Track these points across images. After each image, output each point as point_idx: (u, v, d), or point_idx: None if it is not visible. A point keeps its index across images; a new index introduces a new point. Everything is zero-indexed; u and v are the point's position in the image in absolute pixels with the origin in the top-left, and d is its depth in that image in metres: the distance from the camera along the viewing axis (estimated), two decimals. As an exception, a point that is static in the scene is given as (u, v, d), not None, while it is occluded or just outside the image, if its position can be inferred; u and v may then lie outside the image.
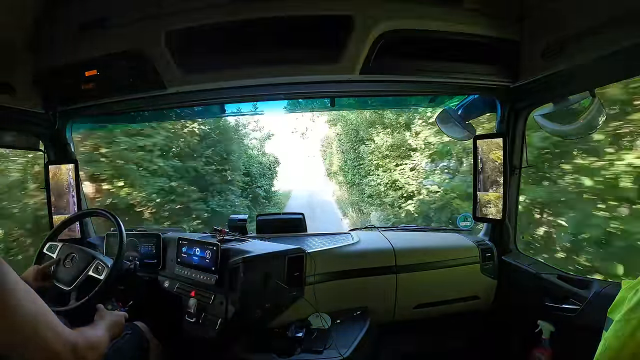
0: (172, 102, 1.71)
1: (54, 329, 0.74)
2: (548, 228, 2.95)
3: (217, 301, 1.47)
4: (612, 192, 2.33)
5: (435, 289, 1.79)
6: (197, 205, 4.54)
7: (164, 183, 4.29)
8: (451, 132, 2.03)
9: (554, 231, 2.89)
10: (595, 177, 2.43)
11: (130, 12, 1.42)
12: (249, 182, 5.27)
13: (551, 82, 1.40)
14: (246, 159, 5.32)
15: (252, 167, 5.34)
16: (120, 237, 1.40)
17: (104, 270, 1.34)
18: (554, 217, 2.90)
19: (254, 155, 5.88)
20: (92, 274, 1.34)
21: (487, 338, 1.91)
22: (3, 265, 0.69)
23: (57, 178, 1.83)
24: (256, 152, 6.26)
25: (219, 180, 4.85)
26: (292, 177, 11.27)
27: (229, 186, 5.00)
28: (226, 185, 4.96)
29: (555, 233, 2.88)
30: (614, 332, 0.86)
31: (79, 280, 1.32)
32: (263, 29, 1.38)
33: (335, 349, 1.35)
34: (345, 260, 1.70)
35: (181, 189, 4.46)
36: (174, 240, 1.69)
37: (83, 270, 1.34)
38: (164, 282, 1.67)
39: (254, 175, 5.42)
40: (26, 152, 3.07)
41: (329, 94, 1.84)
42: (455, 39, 1.42)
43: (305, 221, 1.98)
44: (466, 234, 2.01)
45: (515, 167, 1.72)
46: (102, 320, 1.08)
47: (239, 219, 1.90)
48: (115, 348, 1.19)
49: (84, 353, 0.80)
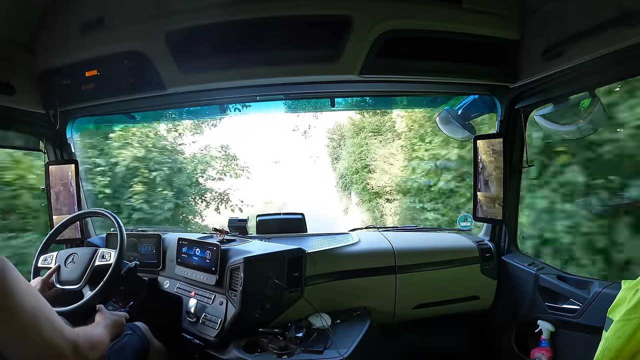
0: (172, 102, 1.71)
1: (55, 328, 0.74)
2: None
3: (217, 301, 1.47)
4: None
5: (435, 289, 1.79)
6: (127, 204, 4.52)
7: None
8: (451, 133, 2.03)
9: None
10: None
11: (130, 12, 1.42)
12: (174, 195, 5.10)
13: (551, 82, 1.40)
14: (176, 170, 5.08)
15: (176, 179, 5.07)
16: (120, 237, 1.40)
17: (110, 255, 1.33)
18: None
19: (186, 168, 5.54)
20: (99, 263, 1.32)
21: (487, 338, 1.91)
22: (5, 264, 0.69)
23: (57, 178, 1.83)
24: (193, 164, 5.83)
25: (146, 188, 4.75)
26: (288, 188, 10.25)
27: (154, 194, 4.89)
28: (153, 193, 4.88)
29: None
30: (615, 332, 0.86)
31: (87, 273, 1.31)
32: (263, 29, 1.39)
33: (335, 349, 1.35)
34: (345, 260, 1.70)
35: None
36: (174, 240, 1.69)
37: (89, 263, 1.33)
38: (164, 283, 1.67)
39: (177, 188, 5.18)
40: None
41: (329, 94, 1.84)
42: (455, 39, 1.43)
43: (305, 221, 1.98)
44: (466, 234, 2.01)
45: (515, 167, 1.73)
46: (103, 320, 1.08)
47: (239, 220, 1.90)
48: (115, 348, 1.19)
49: (86, 352, 0.80)
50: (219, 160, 6.42)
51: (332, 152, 10.57)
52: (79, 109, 1.71)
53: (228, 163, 6.54)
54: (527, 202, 2.64)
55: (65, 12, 1.46)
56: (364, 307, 1.66)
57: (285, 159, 10.58)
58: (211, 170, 6.23)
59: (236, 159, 6.63)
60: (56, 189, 1.83)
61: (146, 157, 4.86)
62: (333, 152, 10.47)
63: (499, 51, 1.46)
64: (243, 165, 6.64)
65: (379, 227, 2.15)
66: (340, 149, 9.93)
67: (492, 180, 1.75)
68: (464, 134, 1.95)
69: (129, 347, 1.27)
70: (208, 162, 6.18)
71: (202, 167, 6.02)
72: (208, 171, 6.16)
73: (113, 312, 1.20)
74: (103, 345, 0.93)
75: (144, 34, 1.42)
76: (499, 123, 1.75)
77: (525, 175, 1.83)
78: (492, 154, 1.73)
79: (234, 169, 6.50)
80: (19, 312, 0.69)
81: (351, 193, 8.90)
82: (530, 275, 1.62)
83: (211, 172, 6.22)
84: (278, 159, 10.56)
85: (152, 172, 4.85)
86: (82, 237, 1.85)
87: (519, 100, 1.62)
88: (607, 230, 2.25)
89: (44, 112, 1.63)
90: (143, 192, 4.67)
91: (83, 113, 1.78)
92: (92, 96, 1.59)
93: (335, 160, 10.39)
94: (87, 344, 0.81)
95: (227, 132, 8.04)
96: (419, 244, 1.90)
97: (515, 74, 1.49)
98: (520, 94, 1.59)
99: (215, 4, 1.36)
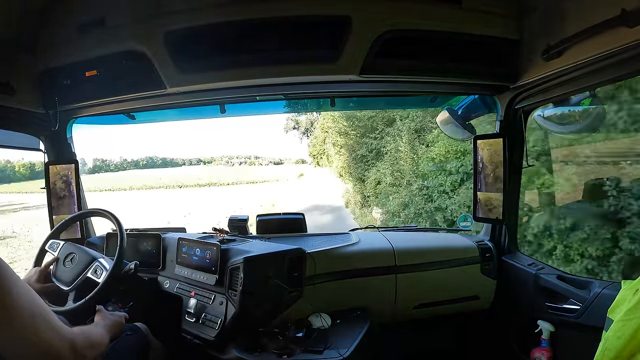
0: (172, 102, 1.71)
1: (52, 327, 0.74)
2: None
3: (217, 301, 1.47)
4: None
5: (435, 289, 1.79)
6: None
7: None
8: (451, 133, 2.02)
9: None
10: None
11: (130, 12, 1.42)
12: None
13: (551, 82, 1.40)
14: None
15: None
16: (120, 237, 1.40)
17: (102, 273, 1.32)
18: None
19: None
20: (90, 276, 1.32)
21: (487, 338, 1.91)
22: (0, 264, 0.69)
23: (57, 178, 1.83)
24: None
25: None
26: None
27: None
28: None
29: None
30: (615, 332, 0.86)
31: (77, 281, 1.32)
32: (263, 29, 1.38)
33: (335, 349, 1.35)
34: (346, 260, 1.70)
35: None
36: (174, 240, 1.68)
37: (82, 271, 1.33)
38: (164, 283, 1.67)
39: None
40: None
41: (329, 94, 1.84)
42: (455, 39, 1.42)
43: (305, 221, 1.98)
44: (466, 234, 2.01)
45: (515, 167, 1.73)
46: (102, 320, 1.08)
47: (239, 219, 1.90)
48: (115, 349, 1.19)
49: (84, 351, 0.79)
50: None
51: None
52: (78, 108, 1.71)
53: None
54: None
55: (65, 12, 1.46)
56: (364, 307, 1.66)
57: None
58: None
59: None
60: (56, 189, 1.84)
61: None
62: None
63: (499, 51, 1.46)
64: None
65: (379, 227, 2.15)
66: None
67: (492, 180, 1.75)
68: (464, 134, 1.95)
69: (128, 347, 1.27)
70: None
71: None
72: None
73: (112, 313, 1.19)
74: (102, 345, 0.93)
75: (144, 34, 1.42)
76: (499, 123, 1.75)
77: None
78: (492, 154, 1.73)
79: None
80: (16, 312, 0.68)
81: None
82: (530, 275, 1.62)
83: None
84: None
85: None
86: (82, 237, 1.85)
87: (519, 100, 1.62)
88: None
89: (44, 112, 1.63)
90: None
91: (83, 113, 1.79)
92: (92, 96, 1.59)
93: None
94: (85, 343, 0.81)
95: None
96: (419, 244, 1.90)
97: (515, 73, 1.49)
98: (520, 94, 1.59)
99: (215, 4, 1.36)
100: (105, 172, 33.56)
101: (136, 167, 38.14)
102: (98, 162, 34.70)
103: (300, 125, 23.89)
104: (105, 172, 33.56)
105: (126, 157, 42.75)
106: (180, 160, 42.52)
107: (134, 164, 38.46)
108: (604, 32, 1.07)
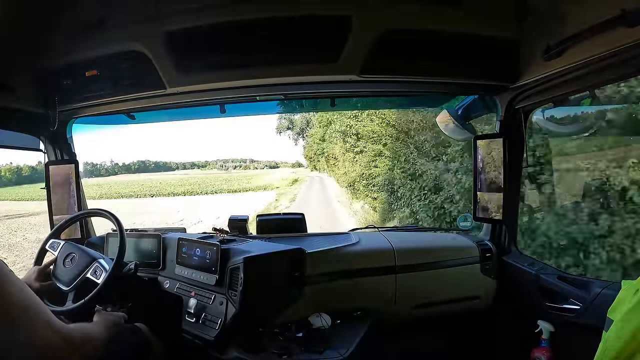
0: (172, 102, 1.71)
1: (46, 321, 0.74)
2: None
3: (217, 301, 1.47)
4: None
5: (436, 289, 1.79)
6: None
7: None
8: (451, 133, 2.03)
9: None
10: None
11: (130, 12, 1.42)
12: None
13: (551, 82, 1.40)
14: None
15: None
16: (120, 237, 1.40)
17: (102, 274, 1.32)
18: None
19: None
20: (89, 277, 1.32)
21: (487, 338, 1.91)
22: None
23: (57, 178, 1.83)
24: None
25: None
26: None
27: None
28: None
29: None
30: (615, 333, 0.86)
31: (77, 281, 1.31)
32: (263, 29, 1.38)
33: (335, 349, 1.35)
34: (346, 260, 1.70)
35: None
36: (174, 240, 1.68)
37: (82, 271, 1.33)
38: (164, 283, 1.67)
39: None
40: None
41: (329, 94, 1.84)
42: (455, 39, 1.42)
43: (305, 221, 1.98)
44: (466, 234, 2.01)
45: (515, 167, 1.72)
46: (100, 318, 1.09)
47: (239, 219, 1.90)
48: (115, 349, 1.19)
49: (79, 347, 0.79)
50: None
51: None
52: (78, 109, 1.71)
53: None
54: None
55: (65, 12, 1.46)
56: (364, 307, 1.66)
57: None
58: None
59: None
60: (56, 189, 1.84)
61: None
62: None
63: (499, 51, 1.46)
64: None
65: (379, 227, 2.15)
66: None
67: (492, 181, 1.75)
68: (464, 134, 1.95)
69: (128, 347, 1.27)
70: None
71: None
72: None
73: (111, 313, 1.20)
74: (98, 340, 0.93)
75: (144, 34, 1.42)
76: (499, 123, 1.75)
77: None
78: (492, 154, 1.73)
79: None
80: (12, 309, 0.68)
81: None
82: (530, 275, 1.62)
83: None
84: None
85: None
86: (82, 237, 1.85)
87: (519, 100, 1.62)
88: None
89: (44, 112, 1.63)
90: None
91: (83, 113, 1.79)
92: (92, 96, 1.59)
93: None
94: (81, 338, 0.81)
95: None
96: (419, 244, 1.90)
97: (515, 74, 1.49)
98: (520, 94, 1.59)
99: (215, 4, 1.36)
100: (96, 177, 33.36)
101: (128, 171, 37.98)
102: (89, 166, 34.57)
103: (294, 125, 23.49)
104: (96, 177, 33.36)
105: (117, 162, 42.51)
106: (173, 165, 42.34)
107: (126, 168, 38.28)
108: (604, 32, 1.07)
